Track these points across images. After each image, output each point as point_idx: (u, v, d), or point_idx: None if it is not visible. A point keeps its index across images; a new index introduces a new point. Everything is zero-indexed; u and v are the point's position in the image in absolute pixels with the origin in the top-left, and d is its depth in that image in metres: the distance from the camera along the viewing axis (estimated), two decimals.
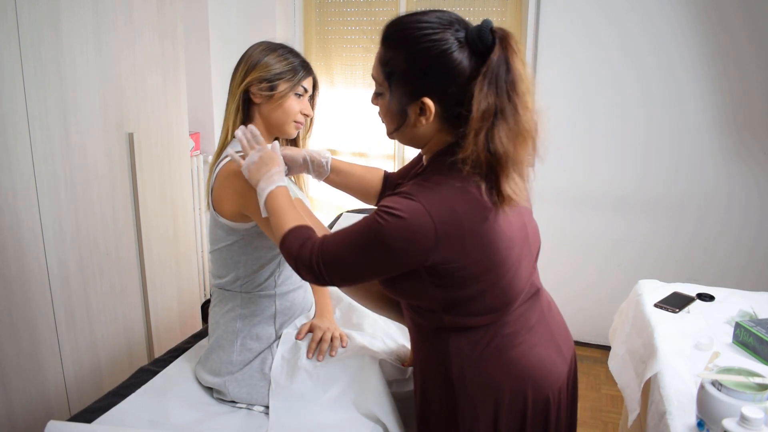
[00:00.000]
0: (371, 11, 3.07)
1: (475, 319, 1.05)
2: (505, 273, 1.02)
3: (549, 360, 1.11)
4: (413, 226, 0.94)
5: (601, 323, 2.95)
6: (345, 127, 3.25)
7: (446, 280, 0.99)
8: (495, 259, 1.00)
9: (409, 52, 0.97)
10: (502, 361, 1.07)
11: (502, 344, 1.07)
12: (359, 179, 1.39)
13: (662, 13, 2.57)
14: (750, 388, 1.12)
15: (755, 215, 2.66)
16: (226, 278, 1.39)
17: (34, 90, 1.67)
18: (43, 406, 1.79)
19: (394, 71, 0.99)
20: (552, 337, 1.14)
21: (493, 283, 1.01)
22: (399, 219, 0.94)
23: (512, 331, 1.08)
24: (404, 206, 0.95)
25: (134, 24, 2.02)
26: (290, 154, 1.35)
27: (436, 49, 0.95)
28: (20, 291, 1.69)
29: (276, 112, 1.36)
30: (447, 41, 0.95)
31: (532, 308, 1.12)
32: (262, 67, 1.33)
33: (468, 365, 1.07)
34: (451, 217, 0.95)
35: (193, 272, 2.52)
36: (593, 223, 2.87)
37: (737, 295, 1.80)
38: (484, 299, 1.02)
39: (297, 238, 1.06)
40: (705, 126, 2.64)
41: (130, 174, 2.07)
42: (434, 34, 0.95)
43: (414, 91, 0.98)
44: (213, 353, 1.42)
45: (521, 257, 1.06)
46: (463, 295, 1.01)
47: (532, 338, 1.10)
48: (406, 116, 1.01)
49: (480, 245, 0.97)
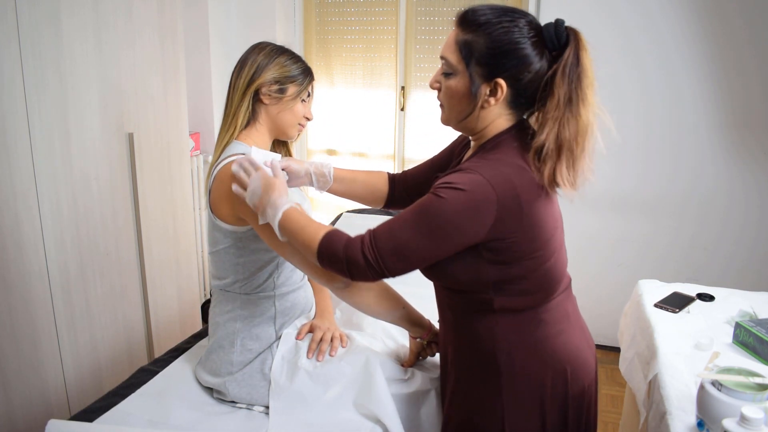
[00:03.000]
0: (371, 11, 3.07)
1: (522, 300, 1.08)
2: (551, 253, 1.08)
3: (585, 352, 1.16)
4: (476, 197, 0.98)
5: (601, 323, 2.95)
6: (345, 127, 3.26)
7: (503, 256, 1.03)
8: (544, 237, 1.05)
9: (488, 35, 1.03)
10: (546, 348, 1.11)
11: (546, 331, 1.11)
12: (363, 185, 1.39)
13: (662, 13, 2.57)
14: (750, 388, 1.12)
15: (755, 215, 2.66)
16: (226, 280, 1.38)
17: (34, 90, 1.67)
18: (43, 406, 1.79)
19: (472, 52, 1.04)
20: (584, 331, 1.20)
21: (542, 262, 1.06)
22: (460, 192, 0.97)
23: (554, 318, 1.12)
24: (464, 179, 0.99)
25: (134, 24, 2.02)
26: (293, 166, 1.35)
27: (516, 35, 1.02)
28: (20, 291, 1.69)
29: (284, 114, 1.36)
30: (522, 29, 1.03)
31: (568, 299, 1.18)
32: (273, 68, 1.33)
33: (515, 350, 1.10)
34: (511, 191, 0.99)
35: (193, 272, 2.52)
36: (593, 222, 2.87)
37: (737, 295, 1.80)
38: (532, 278, 1.07)
39: (336, 242, 1.07)
40: (705, 126, 2.64)
41: (130, 174, 2.07)
42: (513, 21, 1.03)
43: (490, 72, 1.04)
44: (213, 354, 1.42)
45: (561, 243, 1.13)
46: (515, 273, 1.05)
47: (570, 328, 1.15)
48: (477, 96, 1.05)
49: (534, 222, 1.03)
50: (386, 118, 3.16)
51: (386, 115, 3.16)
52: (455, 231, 1.00)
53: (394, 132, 3.15)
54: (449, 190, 0.99)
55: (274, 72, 1.33)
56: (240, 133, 1.36)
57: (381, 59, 3.10)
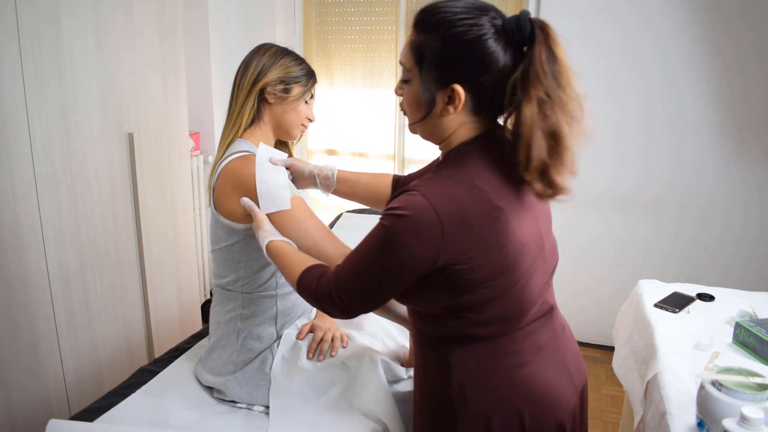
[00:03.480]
0: (371, 11, 3.07)
1: (480, 329, 0.99)
2: (515, 281, 0.96)
3: (557, 385, 1.04)
4: (417, 223, 0.89)
5: (601, 323, 2.96)
6: (345, 127, 3.26)
7: (454, 283, 0.94)
8: (504, 264, 0.94)
9: (442, 36, 0.93)
10: (506, 379, 1.00)
11: (507, 361, 1.01)
12: (367, 187, 1.38)
13: (663, 13, 2.56)
14: (750, 388, 1.12)
15: (756, 215, 2.66)
16: (227, 278, 1.39)
17: (34, 90, 1.67)
18: (43, 406, 1.79)
19: (425, 56, 0.95)
20: (563, 362, 1.07)
21: (502, 291, 0.95)
22: (402, 218, 0.90)
23: (519, 348, 1.01)
24: (406, 203, 0.91)
25: (134, 24, 2.02)
26: (298, 165, 1.35)
27: (470, 34, 0.91)
28: (20, 291, 1.69)
29: (288, 115, 1.38)
30: (482, 27, 0.91)
31: (544, 328, 1.05)
32: (278, 68, 1.35)
33: (469, 379, 1.01)
34: (458, 213, 0.90)
35: (193, 272, 2.52)
36: (594, 223, 2.87)
37: (737, 295, 1.80)
38: (490, 308, 0.97)
39: (312, 277, 1.05)
40: (706, 126, 2.64)
41: (130, 174, 2.07)
42: (469, 19, 0.91)
43: (444, 78, 0.94)
44: (214, 353, 1.42)
45: (534, 268, 0.99)
46: (470, 301, 0.95)
47: (541, 359, 1.03)
48: (433, 105, 0.96)
49: (488, 246, 0.92)
50: (386, 118, 3.16)
51: (386, 115, 3.16)
52: (405, 261, 0.91)
53: (394, 132, 3.15)
54: (392, 217, 0.91)
55: (279, 72, 1.35)
56: (244, 132, 1.37)
57: (381, 59, 3.10)
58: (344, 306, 0.99)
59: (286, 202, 1.24)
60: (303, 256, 1.15)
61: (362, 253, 0.97)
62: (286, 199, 1.25)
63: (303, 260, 1.11)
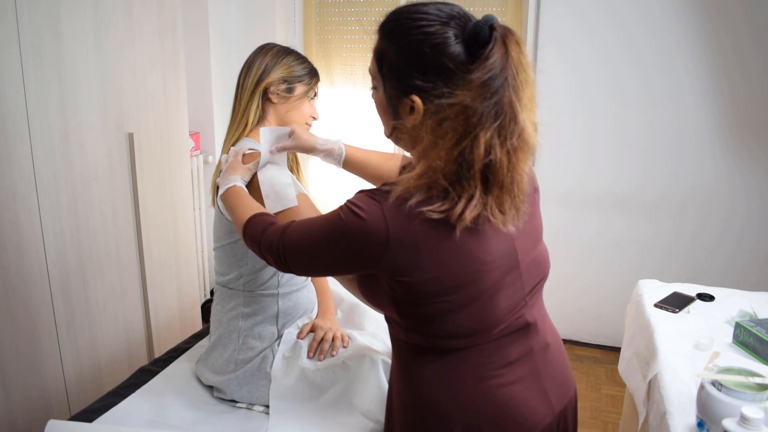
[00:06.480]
0: (371, 11, 3.07)
1: (442, 342, 0.95)
2: (475, 297, 0.92)
3: (526, 401, 0.99)
4: (367, 230, 0.88)
5: (601, 323, 2.96)
6: (345, 127, 3.25)
7: (402, 295, 0.92)
8: (461, 280, 0.90)
9: (399, 44, 0.89)
10: (469, 390, 0.97)
11: (472, 373, 0.96)
12: (375, 170, 1.38)
13: (663, 12, 2.57)
14: (750, 388, 1.12)
15: (756, 215, 2.66)
16: (229, 276, 1.39)
17: (34, 90, 1.67)
18: (43, 406, 1.79)
19: (384, 64, 0.92)
20: (538, 380, 1.01)
21: (459, 305, 0.91)
22: (358, 219, 0.89)
23: (482, 362, 0.97)
24: (367, 206, 0.89)
25: (134, 23, 2.02)
26: (303, 136, 1.33)
27: (427, 43, 0.86)
28: (20, 291, 1.69)
29: (292, 113, 1.40)
30: (442, 35, 0.86)
31: (516, 343, 0.99)
32: (281, 68, 1.37)
33: (431, 387, 0.98)
34: (409, 228, 0.87)
35: (193, 272, 2.52)
36: (594, 223, 2.87)
37: (737, 295, 1.80)
38: (449, 322, 0.92)
39: (259, 223, 1.08)
40: (706, 126, 2.64)
41: (130, 174, 2.07)
42: (429, 26, 0.86)
43: (404, 87, 0.90)
44: (215, 351, 1.42)
45: (501, 285, 0.94)
46: (423, 314, 0.92)
47: (510, 374, 0.98)
48: (397, 114, 0.93)
49: (438, 263, 0.89)
50: None
51: None
52: (346, 254, 0.92)
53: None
54: (351, 212, 0.90)
55: (282, 71, 1.37)
56: (250, 131, 1.39)
57: None
58: (283, 261, 1.02)
59: (292, 200, 1.25)
60: (255, 204, 1.18)
61: (316, 226, 0.97)
62: (292, 197, 1.25)
63: (255, 207, 1.16)
